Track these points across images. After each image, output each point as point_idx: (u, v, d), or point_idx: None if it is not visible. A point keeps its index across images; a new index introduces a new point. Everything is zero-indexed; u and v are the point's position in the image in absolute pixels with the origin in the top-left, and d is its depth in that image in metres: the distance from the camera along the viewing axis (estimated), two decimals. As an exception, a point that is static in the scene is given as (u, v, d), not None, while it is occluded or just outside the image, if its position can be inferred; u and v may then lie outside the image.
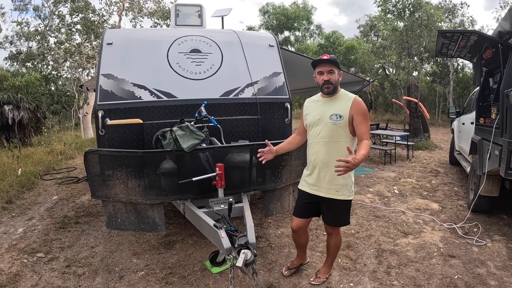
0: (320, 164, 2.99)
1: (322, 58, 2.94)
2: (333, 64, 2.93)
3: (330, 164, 2.88)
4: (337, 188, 2.97)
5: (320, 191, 3.03)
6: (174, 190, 3.60)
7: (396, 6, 13.48)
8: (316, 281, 3.36)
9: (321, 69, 2.94)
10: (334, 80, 2.93)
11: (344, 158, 2.63)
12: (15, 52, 20.94)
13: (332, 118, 2.90)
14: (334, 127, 2.90)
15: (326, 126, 2.93)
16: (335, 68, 2.95)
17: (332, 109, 2.94)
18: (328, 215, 3.12)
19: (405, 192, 6.56)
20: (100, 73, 4.25)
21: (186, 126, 3.57)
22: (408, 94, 14.04)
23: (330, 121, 2.91)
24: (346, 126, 2.90)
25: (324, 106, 3.01)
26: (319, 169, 3.01)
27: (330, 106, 2.97)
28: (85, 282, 3.50)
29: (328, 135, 2.93)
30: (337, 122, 2.89)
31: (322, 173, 3.00)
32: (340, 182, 2.95)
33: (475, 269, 3.65)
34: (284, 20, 30.50)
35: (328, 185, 2.99)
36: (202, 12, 5.36)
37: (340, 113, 2.89)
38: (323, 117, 2.96)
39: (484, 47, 5.10)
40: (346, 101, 2.94)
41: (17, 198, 6.50)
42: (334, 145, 2.93)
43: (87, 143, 13.82)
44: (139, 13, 20.57)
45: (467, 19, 23.59)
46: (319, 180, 3.02)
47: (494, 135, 4.42)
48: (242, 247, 2.65)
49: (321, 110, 3.00)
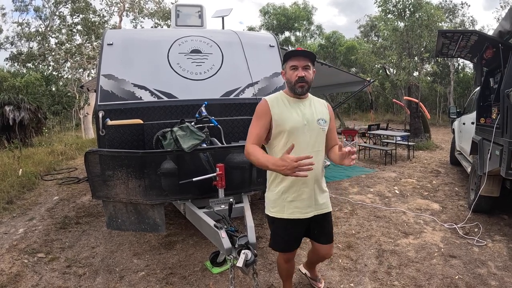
0: (314, 179, 2.50)
1: (297, 49, 2.45)
2: (309, 59, 2.43)
3: (318, 175, 2.52)
4: (325, 199, 2.62)
5: (317, 209, 2.57)
6: (175, 190, 3.59)
7: (397, 6, 13.47)
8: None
9: (296, 63, 2.38)
10: (309, 78, 2.42)
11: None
12: (16, 53, 20.95)
13: (320, 122, 2.47)
14: (322, 133, 2.50)
15: (315, 132, 2.45)
16: (311, 64, 2.44)
17: (317, 113, 2.49)
18: (324, 233, 2.69)
19: (406, 192, 6.55)
20: (101, 73, 4.26)
21: (187, 126, 3.57)
22: (408, 94, 14.04)
23: (319, 126, 2.46)
24: (327, 132, 2.56)
25: (300, 108, 2.46)
26: (313, 187, 2.51)
27: (313, 108, 2.51)
28: (86, 282, 3.50)
29: (318, 143, 2.49)
30: (324, 127, 2.50)
31: (316, 189, 2.53)
32: (326, 193, 2.65)
33: (476, 269, 3.64)
34: (284, 21, 30.45)
35: (320, 199, 2.56)
36: (202, 13, 5.37)
37: (324, 118, 2.52)
38: (310, 122, 2.44)
39: (484, 47, 5.10)
40: (321, 104, 2.59)
41: (18, 199, 6.51)
42: (319, 154, 2.51)
43: (88, 144, 13.84)
44: (139, 13, 20.60)
45: (468, 19, 23.60)
46: (312, 199, 2.52)
47: (494, 135, 4.41)
48: (243, 247, 2.65)
49: (304, 113, 2.45)
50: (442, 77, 24.71)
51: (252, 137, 2.43)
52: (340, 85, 10.92)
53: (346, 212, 5.44)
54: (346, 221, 5.00)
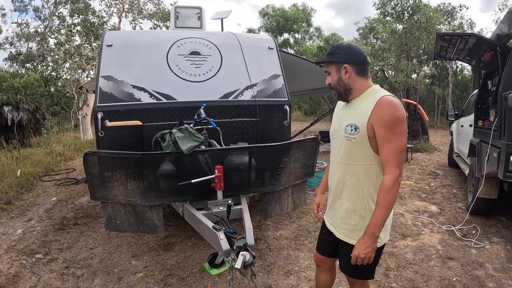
0: (335, 192, 2.22)
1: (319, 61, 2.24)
2: (327, 63, 2.13)
3: (344, 194, 2.14)
4: (352, 229, 2.12)
5: (334, 227, 2.25)
6: (173, 192, 3.60)
7: (395, 8, 13.50)
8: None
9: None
10: (333, 82, 2.11)
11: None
12: (15, 53, 20.94)
13: (347, 130, 2.05)
14: (348, 143, 2.05)
15: (341, 141, 2.11)
16: (330, 67, 2.11)
17: (350, 117, 2.07)
18: (341, 259, 2.28)
19: (404, 194, 6.57)
20: (100, 74, 4.26)
21: (185, 128, 3.58)
22: (407, 97, 14.07)
23: (345, 134, 2.06)
24: (364, 142, 1.99)
25: (343, 112, 2.18)
26: (333, 198, 2.25)
27: (349, 112, 2.11)
28: (84, 283, 3.50)
29: (343, 154, 2.11)
30: (351, 137, 2.02)
31: (335, 204, 2.22)
32: (356, 221, 2.10)
33: (474, 271, 3.66)
34: (283, 22, 30.52)
35: (341, 222, 2.18)
36: (201, 14, 5.38)
37: (356, 123, 2.00)
38: (339, 128, 2.13)
39: (482, 50, 5.12)
40: (368, 103, 1.99)
41: (16, 199, 6.50)
42: (349, 169, 2.10)
43: (86, 145, 13.82)
44: (139, 14, 20.61)
45: (466, 22, 23.69)
46: (334, 213, 2.24)
47: (492, 137, 4.43)
48: (241, 249, 2.65)
49: (340, 117, 2.17)
50: (440, 79, 24.76)
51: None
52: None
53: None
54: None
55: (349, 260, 2.07)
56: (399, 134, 1.91)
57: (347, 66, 2.04)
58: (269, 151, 3.96)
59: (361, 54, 2.08)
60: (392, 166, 1.90)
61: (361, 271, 2.15)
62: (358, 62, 2.05)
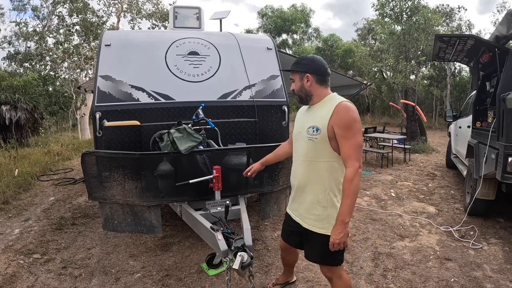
0: (298, 186, 2.50)
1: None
2: (294, 71, 2.44)
3: (307, 188, 2.42)
4: (315, 218, 2.40)
5: (301, 218, 2.52)
6: (171, 192, 3.59)
7: (394, 10, 13.52)
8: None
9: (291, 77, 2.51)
10: (296, 88, 2.43)
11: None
12: (13, 52, 20.90)
13: (309, 131, 2.34)
14: (311, 143, 2.34)
15: (303, 141, 2.40)
16: (295, 75, 2.43)
17: (311, 120, 2.37)
18: (308, 248, 2.58)
19: (402, 195, 6.57)
20: (98, 74, 4.25)
21: (184, 128, 3.57)
22: (405, 98, 14.09)
23: (307, 135, 2.35)
24: (325, 142, 2.28)
25: (305, 115, 2.49)
26: (296, 193, 2.54)
27: (310, 116, 2.42)
28: (81, 283, 3.49)
29: (306, 153, 2.39)
30: (313, 137, 2.31)
31: (300, 197, 2.51)
32: (320, 211, 2.38)
33: (472, 272, 3.66)
34: (281, 23, 30.52)
35: (306, 213, 2.46)
36: (200, 15, 5.37)
37: (317, 125, 2.30)
38: (302, 131, 2.43)
39: (481, 51, 5.14)
40: (328, 107, 2.31)
41: (14, 199, 6.48)
42: (312, 165, 2.37)
43: (85, 144, 13.80)
44: (137, 14, 20.59)
45: (464, 23, 23.74)
46: (299, 205, 2.53)
47: (490, 138, 4.44)
48: (239, 249, 2.65)
49: (303, 121, 2.48)
50: (438, 81, 24.82)
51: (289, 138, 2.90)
52: (337, 88, 10.92)
53: (343, 214, 5.43)
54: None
55: (316, 248, 2.44)
56: (356, 133, 2.21)
57: (309, 75, 2.38)
58: (267, 152, 3.94)
59: (323, 65, 2.43)
60: (352, 160, 2.19)
61: (331, 258, 2.43)
62: (319, 73, 2.40)
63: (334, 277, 2.54)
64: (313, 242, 2.46)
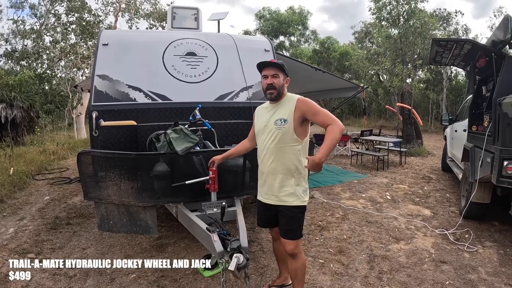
0: (268, 171, 2.84)
1: (266, 61, 2.89)
2: (278, 68, 2.83)
3: (278, 170, 2.80)
4: (286, 194, 2.80)
5: (272, 199, 2.88)
6: (167, 193, 3.58)
7: (391, 13, 13.57)
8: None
9: (266, 73, 2.83)
10: (278, 84, 2.80)
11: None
12: (10, 50, 20.81)
13: (277, 123, 2.77)
14: (279, 131, 2.76)
15: (271, 132, 2.80)
16: (280, 73, 2.83)
17: (277, 114, 2.81)
18: (281, 224, 2.91)
19: (398, 198, 6.59)
20: (95, 73, 4.24)
21: (180, 129, 3.57)
22: (401, 101, 14.13)
23: (275, 126, 2.78)
24: (291, 129, 2.75)
25: (269, 113, 2.87)
26: (268, 177, 2.86)
27: (275, 112, 2.84)
28: (76, 284, 3.47)
29: (274, 141, 2.79)
30: (282, 127, 2.75)
31: (271, 180, 2.84)
32: (289, 187, 2.80)
33: (466, 275, 3.68)
34: (278, 25, 30.53)
35: (278, 192, 2.82)
36: (198, 15, 5.37)
37: (284, 117, 2.76)
38: (268, 124, 2.83)
39: (478, 55, 5.16)
40: (290, 103, 2.80)
41: (9, 198, 6.45)
42: (280, 150, 2.78)
43: (80, 144, 13.76)
44: (135, 14, 20.55)
45: (461, 28, 23.84)
46: (270, 188, 2.86)
47: (486, 142, 4.46)
48: (235, 251, 2.65)
49: (267, 117, 2.86)
50: (435, 84, 24.91)
51: (248, 136, 3.25)
52: (334, 90, 10.96)
53: (338, 217, 5.45)
54: (337, 226, 5.02)
55: (287, 222, 2.82)
56: (319, 108, 2.75)
57: (288, 79, 2.92)
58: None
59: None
60: (329, 120, 2.65)
61: (293, 232, 2.84)
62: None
63: (299, 252, 2.90)
64: (285, 216, 2.83)
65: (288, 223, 2.84)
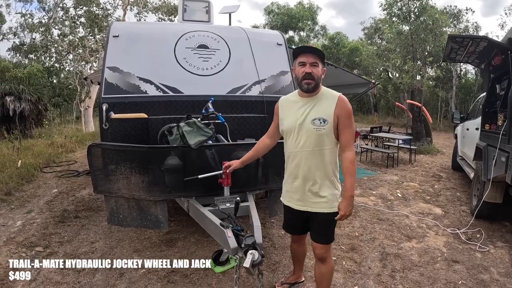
0: (304, 177, 2.60)
1: (306, 46, 2.59)
2: (318, 56, 2.51)
3: (316, 175, 2.56)
4: (325, 201, 2.58)
5: (307, 205, 2.64)
6: (179, 187, 3.53)
7: (402, 10, 13.43)
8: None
9: (304, 60, 2.49)
10: (317, 75, 2.49)
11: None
12: (19, 43, 20.88)
13: (315, 123, 2.48)
14: (318, 134, 2.48)
15: (308, 133, 2.51)
16: (320, 62, 2.52)
17: (315, 112, 2.50)
18: (317, 231, 2.71)
19: (408, 196, 6.52)
20: (106, 65, 4.19)
21: (194, 122, 3.52)
22: (411, 98, 14.01)
23: (313, 127, 2.48)
24: (331, 131, 2.49)
25: (304, 108, 2.55)
26: (303, 183, 2.61)
27: (312, 107, 2.53)
28: (85, 278, 3.44)
29: (312, 144, 2.52)
30: (321, 128, 2.47)
31: (307, 186, 2.60)
32: (328, 193, 2.58)
33: (479, 275, 3.63)
34: (287, 20, 30.40)
35: (316, 199, 2.59)
36: (210, 8, 5.30)
37: (324, 117, 2.47)
38: (303, 123, 2.52)
39: (493, 53, 5.07)
40: (330, 100, 2.50)
41: (16, 190, 6.45)
42: (317, 154, 2.53)
43: (88, 137, 13.79)
44: (144, 8, 20.51)
45: (472, 25, 23.60)
46: (304, 194, 2.62)
47: (501, 141, 4.38)
48: (249, 247, 2.60)
49: (300, 113, 2.55)
50: (444, 82, 24.69)
51: (267, 132, 2.94)
52: (345, 86, 10.88)
53: (348, 214, 5.39)
54: (349, 223, 4.96)
55: (322, 228, 2.66)
56: (353, 122, 2.56)
57: (324, 69, 2.58)
58: (275, 148, 3.90)
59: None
60: (351, 144, 2.53)
61: (331, 236, 2.71)
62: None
63: (328, 256, 2.78)
64: (320, 222, 2.66)
65: (322, 228, 2.67)
